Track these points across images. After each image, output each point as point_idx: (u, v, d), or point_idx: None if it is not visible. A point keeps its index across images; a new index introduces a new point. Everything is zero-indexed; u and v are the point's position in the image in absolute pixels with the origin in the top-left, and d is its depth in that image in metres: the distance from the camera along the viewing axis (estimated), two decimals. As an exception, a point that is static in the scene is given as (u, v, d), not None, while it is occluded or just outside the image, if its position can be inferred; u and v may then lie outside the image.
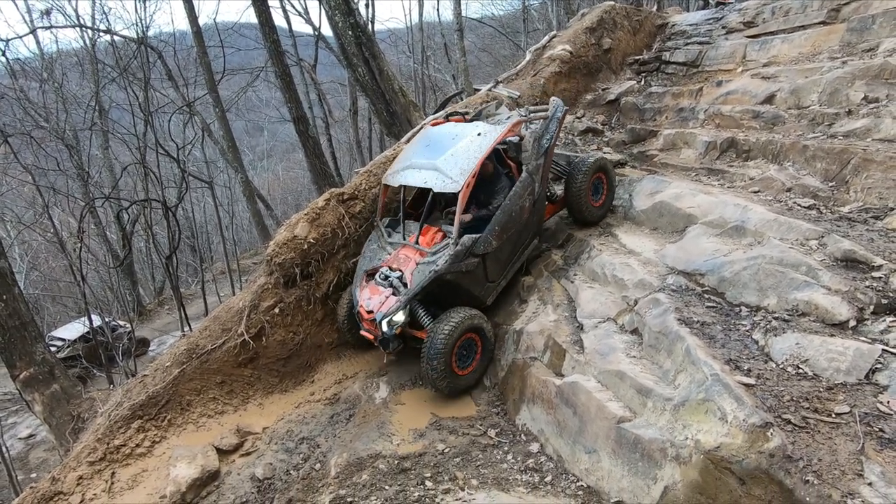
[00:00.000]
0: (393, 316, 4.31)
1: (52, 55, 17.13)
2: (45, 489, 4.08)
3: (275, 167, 34.12)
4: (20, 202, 17.24)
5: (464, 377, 4.52)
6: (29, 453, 9.93)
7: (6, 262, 5.87)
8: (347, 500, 3.27)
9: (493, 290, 4.89)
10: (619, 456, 3.05)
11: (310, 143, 10.36)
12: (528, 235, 5.13)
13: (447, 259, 4.34)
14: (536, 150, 4.98)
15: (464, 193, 4.38)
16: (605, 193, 5.63)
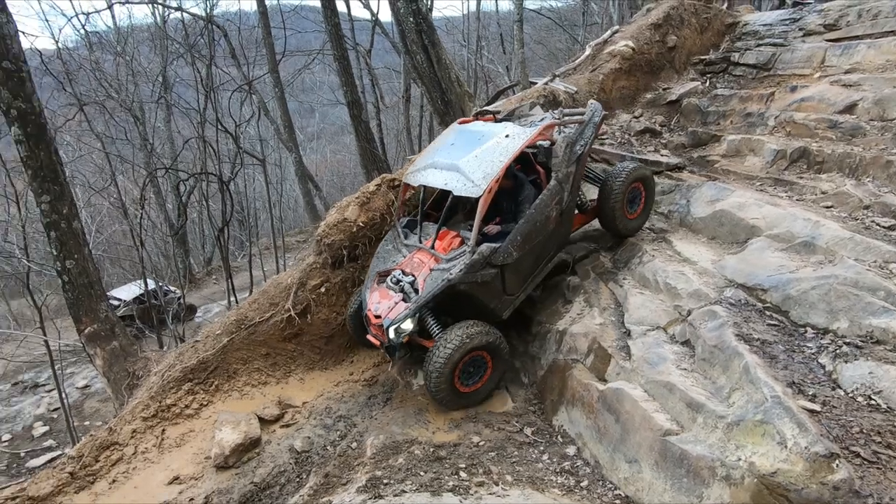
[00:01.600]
0: (401, 324, 4.08)
1: (126, 30, 18.03)
2: (104, 438, 4.36)
3: (323, 149, 34.82)
4: (90, 168, 18.31)
5: (467, 394, 4.27)
6: (84, 402, 10.65)
7: (79, 223, 6.26)
8: (383, 481, 3.33)
9: (511, 303, 4.56)
10: (663, 469, 2.96)
11: (361, 128, 10.50)
12: (553, 247, 4.81)
13: (462, 268, 4.06)
14: (568, 156, 4.61)
15: (485, 199, 4.08)
16: (642, 205, 5.24)
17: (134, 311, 12.22)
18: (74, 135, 15.27)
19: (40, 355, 10.42)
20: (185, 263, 17.65)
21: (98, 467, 4.20)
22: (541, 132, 4.51)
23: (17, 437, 9.74)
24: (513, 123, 4.87)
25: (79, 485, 4.07)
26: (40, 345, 9.44)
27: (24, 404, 10.85)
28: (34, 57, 11.16)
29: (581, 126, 4.88)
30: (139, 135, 15.99)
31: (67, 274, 5.96)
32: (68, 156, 16.25)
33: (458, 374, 4.13)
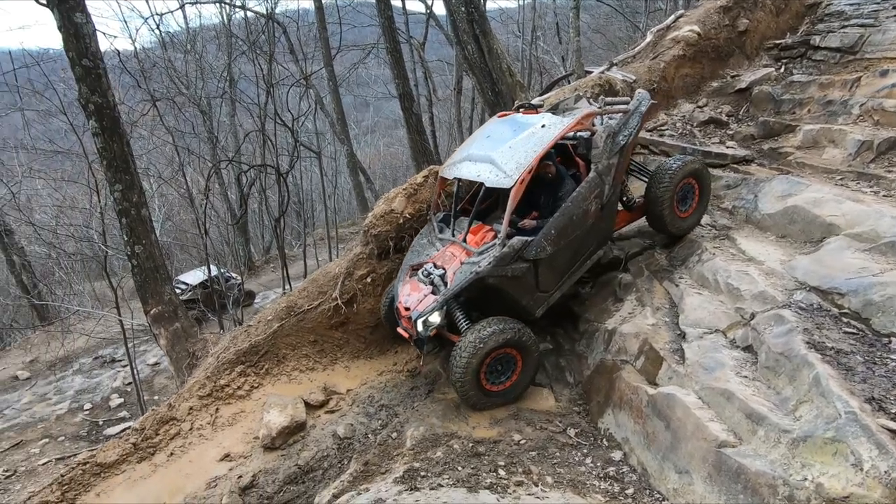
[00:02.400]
0: (429, 316, 4.01)
1: (195, 29, 19.05)
2: (164, 413, 4.63)
3: (377, 142, 35.42)
4: (161, 160, 19.58)
5: (496, 394, 4.11)
6: (154, 378, 11.45)
7: (147, 211, 6.68)
8: (420, 473, 3.32)
9: (545, 301, 4.37)
10: (716, 483, 2.75)
11: (412, 120, 10.53)
12: (593, 243, 4.54)
13: (491, 261, 3.92)
14: (610, 147, 4.36)
15: (516, 190, 3.92)
16: (695, 203, 4.90)
17: (198, 296, 12.97)
18: (148, 129, 16.34)
19: (116, 333, 11.28)
20: (245, 251, 18.55)
21: (158, 440, 4.48)
22: (579, 121, 4.29)
23: (97, 407, 10.62)
24: (549, 115, 4.61)
25: (140, 455, 4.35)
26: (116, 323, 10.21)
27: (103, 377, 11.81)
28: (114, 57, 12.01)
29: (625, 116, 4.61)
30: (206, 129, 16.89)
31: (136, 258, 6.38)
32: (142, 148, 17.45)
33: (485, 372, 3.99)
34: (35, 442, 9.24)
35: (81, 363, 12.56)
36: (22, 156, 18.71)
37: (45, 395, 11.13)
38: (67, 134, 14.51)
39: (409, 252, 4.79)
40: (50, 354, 12.93)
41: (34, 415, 10.29)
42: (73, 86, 6.47)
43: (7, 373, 12.63)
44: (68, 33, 5.85)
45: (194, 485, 4.06)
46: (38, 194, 19.88)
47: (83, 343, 13.09)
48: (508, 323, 3.99)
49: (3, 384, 12.04)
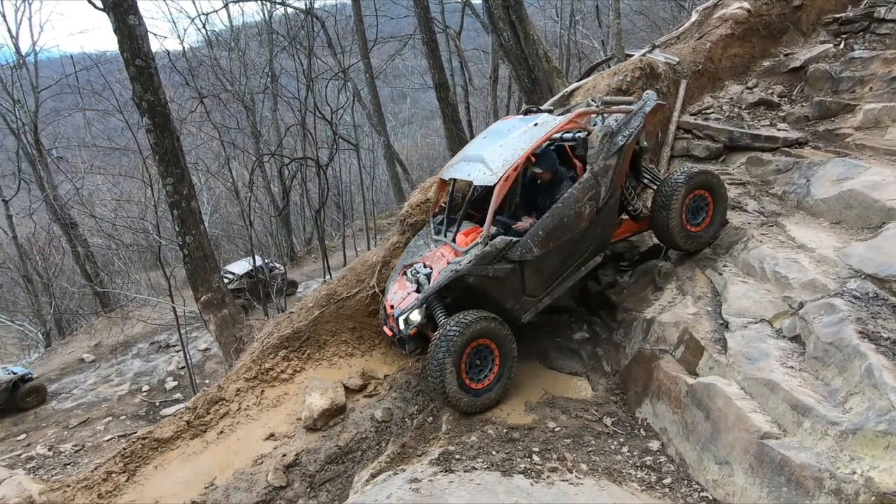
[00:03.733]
0: (409, 314, 3.94)
1: (238, 27, 19.66)
2: (213, 394, 4.90)
3: (414, 134, 35.61)
4: (209, 154, 20.43)
5: (482, 391, 3.93)
6: (205, 363, 12.07)
7: (196, 204, 7.03)
8: (455, 456, 3.38)
9: (532, 307, 4.19)
10: (758, 475, 2.68)
11: (448, 110, 10.54)
12: (587, 249, 4.28)
13: (471, 259, 3.82)
14: (607, 147, 4.15)
15: (500, 187, 3.82)
16: (709, 216, 4.58)
17: (244, 285, 13.54)
18: (196, 125, 17.08)
19: (170, 320, 11.95)
20: (287, 242, 19.15)
21: (209, 419, 4.75)
22: (572, 119, 4.16)
23: (153, 389, 11.32)
24: (545, 115, 4.42)
25: (193, 432, 4.63)
26: (170, 311, 10.83)
27: (159, 361, 12.56)
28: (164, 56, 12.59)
29: (627, 116, 4.39)
30: (249, 124, 17.48)
31: (187, 248, 6.74)
32: (191, 144, 18.24)
33: (465, 367, 3.83)
34: (100, 420, 9.96)
35: (139, 348, 13.39)
36: (84, 153, 19.95)
37: (108, 377, 11.96)
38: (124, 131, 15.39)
39: (405, 252, 4.83)
40: (112, 339, 13.85)
41: (99, 395, 11.08)
42: (128, 85, 6.86)
43: (74, 356, 13.63)
44: (123, 35, 6.19)
45: (242, 461, 4.29)
46: (98, 189, 21.20)
47: (141, 329, 13.95)
48: (482, 312, 3.86)
49: (71, 366, 13.01)
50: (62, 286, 18.68)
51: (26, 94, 16.68)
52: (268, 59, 17.60)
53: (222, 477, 4.19)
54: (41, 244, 18.99)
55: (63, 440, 9.26)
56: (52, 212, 17.04)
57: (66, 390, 11.51)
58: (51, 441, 9.25)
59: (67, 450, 8.87)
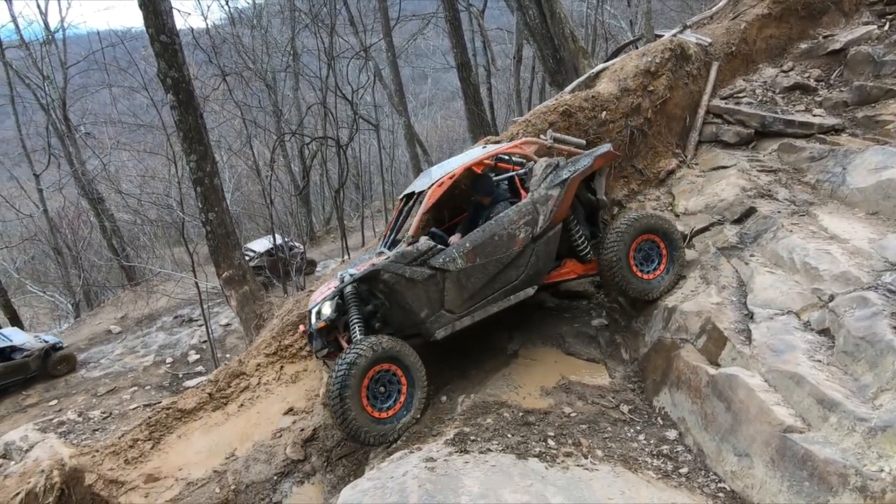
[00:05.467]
0: (321, 306, 3.83)
1: (261, 5, 19.60)
2: (234, 368, 5.02)
3: (434, 115, 35.32)
4: (231, 132, 20.60)
5: (385, 421, 3.65)
6: (226, 338, 12.36)
7: (219, 181, 7.10)
8: (470, 437, 3.40)
9: (449, 323, 3.93)
10: (779, 468, 2.63)
11: (470, 91, 10.39)
12: (519, 277, 4.07)
13: (390, 257, 3.73)
14: (549, 177, 4.07)
15: (433, 191, 3.91)
16: (663, 263, 4.36)
17: (265, 263, 13.75)
18: (219, 103, 17.20)
19: (193, 295, 12.24)
20: (307, 222, 19.33)
21: (230, 392, 4.87)
22: (515, 146, 4.32)
23: (177, 361, 11.66)
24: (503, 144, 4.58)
25: (215, 404, 4.76)
26: (193, 286, 11.08)
27: (182, 335, 12.90)
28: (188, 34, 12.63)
29: (578, 156, 4.40)
30: (271, 102, 17.52)
31: (209, 224, 6.84)
32: (214, 122, 18.40)
33: (367, 393, 3.60)
34: (126, 389, 10.32)
35: (164, 321, 13.77)
36: (110, 129, 20.31)
37: (134, 349, 12.35)
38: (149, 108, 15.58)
39: (350, 263, 4.92)
40: (137, 312, 14.27)
41: (125, 365, 11.46)
42: (153, 62, 6.92)
43: (102, 327, 14.10)
44: (147, 10, 6.21)
45: (261, 434, 4.40)
46: (124, 165, 21.61)
47: (165, 303, 14.32)
48: (380, 337, 3.71)
49: (99, 337, 13.46)
50: (90, 259, 19.25)
51: (55, 70, 16.98)
52: (290, 37, 17.52)
53: (242, 448, 4.31)
54: (70, 218, 19.55)
55: (91, 407, 9.64)
56: (80, 187, 17.48)
57: (94, 360, 11.93)
58: (80, 407, 9.63)
59: (96, 416, 9.23)
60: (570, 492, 2.74)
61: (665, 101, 6.29)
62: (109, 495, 3.98)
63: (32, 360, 10.46)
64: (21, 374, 10.37)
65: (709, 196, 5.22)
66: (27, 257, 21.14)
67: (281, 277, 11.24)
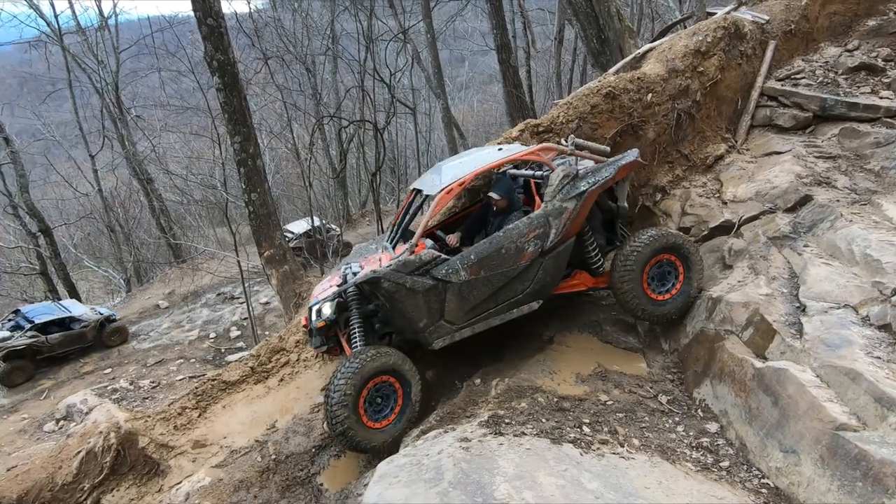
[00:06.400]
0: (322, 305, 3.82)
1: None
2: (275, 343, 5.18)
3: (471, 98, 34.95)
4: (272, 115, 21.02)
5: (379, 431, 3.69)
6: (265, 316, 12.79)
7: (262, 162, 7.28)
8: (505, 420, 3.42)
9: (448, 334, 3.87)
10: (829, 467, 2.53)
11: (509, 73, 10.20)
12: (524, 291, 3.92)
13: (392, 264, 3.62)
14: (565, 188, 3.81)
15: (441, 197, 3.64)
16: (679, 284, 4.13)
17: (302, 244, 14.09)
18: (260, 86, 17.55)
19: (235, 274, 12.69)
20: (343, 204, 19.62)
21: (270, 366, 5.04)
22: (533, 152, 3.93)
23: (219, 337, 12.17)
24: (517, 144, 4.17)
25: (256, 378, 4.95)
26: (235, 264, 11.48)
27: (224, 311, 13.43)
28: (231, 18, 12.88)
29: (599, 165, 4.05)
30: (310, 86, 17.74)
31: (252, 205, 7.03)
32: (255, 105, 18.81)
33: (364, 403, 3.62)
34: (173, 361, 10.86)
35: (207, 297, 14.36)
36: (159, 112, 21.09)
37: (180, 323, 12.96)
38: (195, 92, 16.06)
39: (353, 251, 4.76)
40: (183, 288, 14.93)
41: (172, 338, 12.05)
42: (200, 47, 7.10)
43: (151, 301, 14.84)
44: (195, -6, 6.36)
45: (300, 408, 4.55)
46: (172, 147, 22.44)
47: (209, 280, 14.92)
48: (380, 348, 3.74)
49: (149, 311, 14.18)
50: (140, 237, 20.23)
51: (108, 55, 17.70)
52: (329, 20, 17.62)
53: (282, 420, 4.47)
54: (122, 197, 20.54)
55: (142, 376, 10.21)
56: (131, 167, 18.30)
57: (144, 332, 12.60)
58: (131, 376, 10.22)
59: (145, 385, 9.78)
60: (605, 479, 2.72)
61: (716, 83, 6.01)
62: (160, 458, 4.22)
63: (89, 331, 11.13)
64: (79, 344, 11.07)
65: (760, 183, 4.98)
66: (84, 234, 22.42)
67: (318, 258, 11.49)
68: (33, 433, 7.52)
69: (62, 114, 23.53)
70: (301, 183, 16.47)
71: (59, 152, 22.84)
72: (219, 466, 4.14)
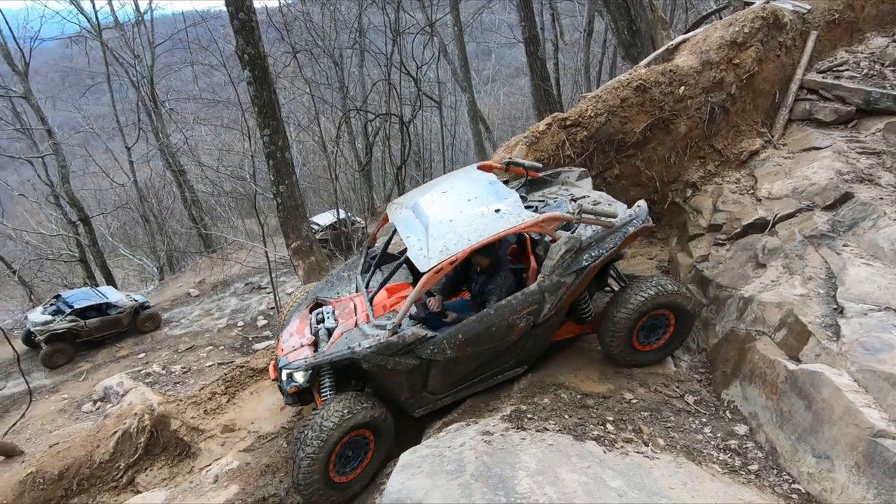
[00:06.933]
0: (294, 372, 3.62)
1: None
2: (301, 333, 5.27)
3: (497, 92, 34.69)
4: (300, 109, 21.31)
5: (341, 486, 3.54)
6: (291, 306, 13.00)
7: (290, 155, 7.40)
8: (527, 415, 3.41)
9: (430, 403, 3.78)
10: (866, 474, 2.44)
11: (537, 65, 10.07)
12: (512, 360, 3.83)
13: (372, 346, 3.39)
14: (566, 263, 3.56)
15: (428, 277, 3.30)
16: (665, 338, 3.95)
17: (328, 236, 14.28)
18: (289, 80, 17.79)
19: (263, 264, 12.97)
20: (369, 197, 19.78)
21: (297, 355, 5.14)
22: (537, 223, 3.52)
23: (247, 325, 12.45)
24: (515, 198, 3.67)
25: (283, 366, 5.05)
26: (263, 255, 11.72)
27: (252, 301, 13.74)
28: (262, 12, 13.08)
29: (605, 231, 3.73)
30: (338, 79, 17.90)
31: (280, 196, 7.16)
32: (284, 98, 19.10)
33: (335, 460, 3.46)
34: (203, 347, 11.18)
35: (236, 287, 14.72)
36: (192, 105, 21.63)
37: (210, 311, 13.31)
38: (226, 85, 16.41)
39: (325, 281, 4.50)
40: (213, 277, 15.33)
41: (202, 326, 12.40)
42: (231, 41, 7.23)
43: (182, 290, 15.29)
44: (227, -11, 6.47)
45: (325, 397, 4.63)
46: (203, 139, 23.01)
47: (237, 270, 15.28)
48: (365, 400, 3.51)
49: (180, 299, 14.62)
50: (173, 227, 20.84)
51: (144, 49, 18.21)
52: (357, 14, 17.70)
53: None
54: (156, 188, 21.18)
55: (173, 362, 10.54)
56: (165, 159, 18.83)
57: (175, 319, 13.00)
58: (164, 361, 10.56)
59: (177, 370, 10.10)
60: (629, 477, 2.69)
61: (752, 75, 5.81)
62: (191, 440, 4.37)
63: (125, 317, 11.55)
64: (115, 329, 11.49)
65: (797, 179, 4.80)
66: (119, 223, 23.24)
67: (343, 250, 11.64)
68: (72, 413, 7.87)
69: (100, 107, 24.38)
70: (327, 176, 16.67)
71: (98, 144, 23.71)
72: (246, 451, 4.26)
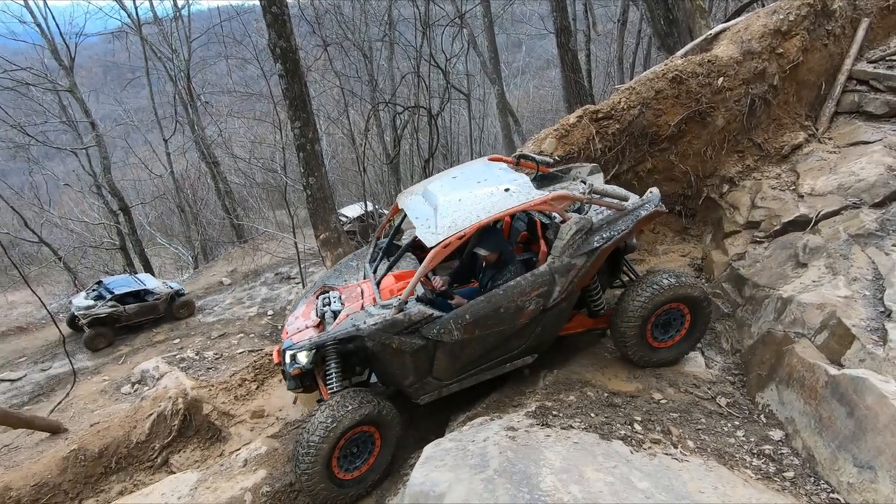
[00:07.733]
0: (297, 352, 3.54)
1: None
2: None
3: (527, 84, 34.23)
4: (329, 101, 21.54)
5: (346, 483, 3.50)
6: (319, 296, 13.23)
7: (319, 147, 7.48)
8: (552, 412, 3.37)
9: (435, 390, 3.66)
10: (912, 486, 2.32)
11: (568, 57, 9.88)
12: (521, 346, 3.71)
13: (378, 323, 3.31)
14: (576, 244, 3.47)
15: (437, 252, 3.22)
16: (682, 333, 3.81)
17: (356, 228, 14.43)
18: (319, 73, 17.98)
19: (292, 254, 13.21)
20: (396, 190, 19.85)
21: (324, 345, 5.22)
22: (546, 201, 3.42)
23: (277, 314, 12.74)
24: (525, 179, 3.61)
25: (311, 355, 5.14)
26: (292, 246, 11.95)
27: (281, 290, 14.04)
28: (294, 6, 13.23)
29: (617, 214, 3.63)
30: (367, 72, 17.99)
31: (310, 188, 7.25)
32: (314, 91, 19.32)
33: (338, 457, 3.41)
34: (234, 335, 11.50)
35: (266, 276, 15.06)
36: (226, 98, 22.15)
37: (241, 300, 13.67)
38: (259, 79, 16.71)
39: (333, 269, 4.44)
40: (244, 267, 15.73)
41: (234, 314, 12.75)
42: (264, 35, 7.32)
43: (215, 278, 15.75)
44: (260, -18, 6.55)
45: (351, 386, 4.69)
46: (236, 132, 23.54)
47: (268, 260, 15.63)
48: (362, 396, 3.45)
49: (213, 287, 15.07)
50: (207, 217, 21.44)
51: (181, 44, 18.71)
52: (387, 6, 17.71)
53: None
54: (192, 179, 21.82)
55: (206, 348, 10.89)
56: (200, 151, 19.36)
57: (209, 307, 13.41)
58: (197, 347, 10.91)
59: (209, 356, 10.42)
60: (656, 479, 2.63)
61: (796, 66, 5.56)
62: (222, 425, 4.50)
63: (161, 303, 11.98)
64: (152, 315, 11.94)
65: (843, 175, 4.58)
66: (157, 213, 24.07)
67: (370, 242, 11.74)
68: (112, 394, 8.22)
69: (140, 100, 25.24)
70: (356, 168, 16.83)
71: (137, 136, 24.56)
72: (274, 437, 4.36)
